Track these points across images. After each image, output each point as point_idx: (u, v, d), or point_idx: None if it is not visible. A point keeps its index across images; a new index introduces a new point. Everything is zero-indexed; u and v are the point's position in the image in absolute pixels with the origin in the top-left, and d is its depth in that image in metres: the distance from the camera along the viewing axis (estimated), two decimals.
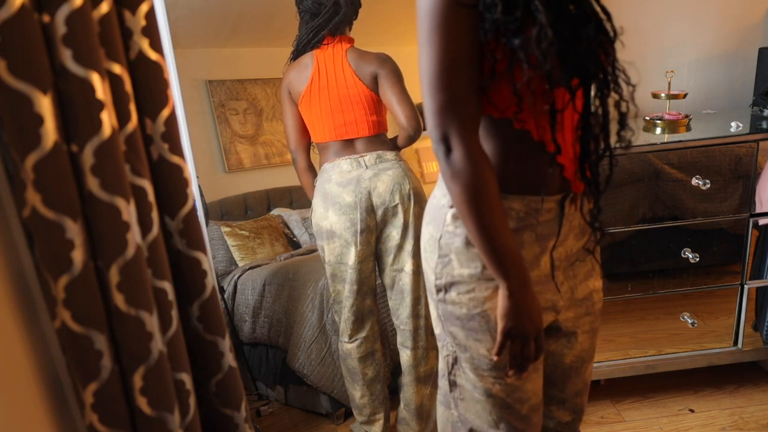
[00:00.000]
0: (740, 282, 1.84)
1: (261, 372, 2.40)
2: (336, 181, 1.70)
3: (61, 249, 0.75)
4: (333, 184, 1.71)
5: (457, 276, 0.91)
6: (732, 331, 1.90)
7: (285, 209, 3.20)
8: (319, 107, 1.68)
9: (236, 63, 3.26)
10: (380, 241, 1.80)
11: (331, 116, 1.68)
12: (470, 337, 0.93)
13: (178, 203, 0.95)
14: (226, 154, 3.21)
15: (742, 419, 1.84)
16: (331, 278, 1.82)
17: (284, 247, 2.90)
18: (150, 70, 0.88)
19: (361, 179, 1.69)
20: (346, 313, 1.81)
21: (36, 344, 0.86)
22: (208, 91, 3.17)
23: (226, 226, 2.83)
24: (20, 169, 0.72)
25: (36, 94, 0.70)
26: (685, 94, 1.91)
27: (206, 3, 2.84)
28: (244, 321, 2.41)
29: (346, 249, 1.74)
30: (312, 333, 2.10)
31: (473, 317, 0.91)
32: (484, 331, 0.91)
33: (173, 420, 0.89)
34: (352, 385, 1.90)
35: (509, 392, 0.94)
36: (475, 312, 0.91)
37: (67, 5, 0.72)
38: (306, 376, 2.11)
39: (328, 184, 1.71)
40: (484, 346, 0.92)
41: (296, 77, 1.70)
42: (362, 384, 1.87)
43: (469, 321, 0.92)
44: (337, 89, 1.67)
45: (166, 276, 0.92)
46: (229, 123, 3.23)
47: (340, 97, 1.67)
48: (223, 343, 1.04)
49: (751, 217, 1.77)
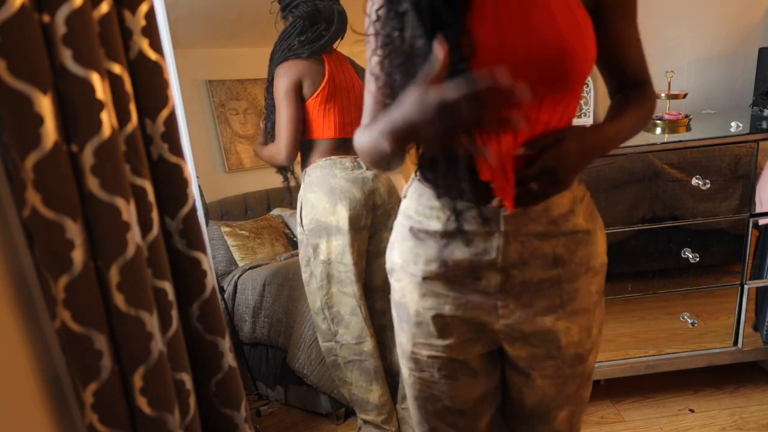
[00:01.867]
0: (740, 282, 1.84)
1: (261, 372, 2.40)
2: (343, 177, 1.73)
3: (61, 249, 0.75)
4: (340, 179, 1.72)
5: (395, 263, 0.93)
6: (732, 331, 1.90)
7: (285, 209, 3.20)
8: (333, 105, 1.77)
9: (236, 63, 3.26)
10: (371, 242, 1.82)
11: (341, 115, 1.77)
12: (397, 324, 0.96)
13: (178, 203, 0.95)
14: (226, 154, 3.20)
15: (742, 419, 1.84)
16: (325, 279, 1.78)
17: (284, 247, 2.90)
18: (150, 70, 0.88)
19: (366, 178, 1.75)
20: (359, 315, 1.80)
21: (36, 344, 0.86)
22: (208, 91, 3.17)
23: (226, 226, 2.83)
24: (20, 169, 0.72)
25: (36, 94, 0.70)
26: (685, 94, 1.91)
27: (206, 3, 2.84)
28: (244, 321, 2.41)
29: (347, 247, 1.74)
30: (312, 333, 2.10)
31: (399, 305, 0.94)
32: (405, 321, 0.93)
33: (173, 420, 0.89)
34: (368, 388, 1.85)
35: (422, 387, 0.95)
36: (401, 301, 0.93)
37: (67, 5, 0.72)
38: (306, 376, 2.11)
39: (334, 179, 1.72)
40: (404, 335, 0.94)
41: (309, 75, 1.75)
42: (382, 381, 1.85)
43: (396, 308, 0.96)
44: (347, 91, 1.78)
45: (166, 276, 0.92)
46: (229, 123, 3.23)
47: (349, 99, 1.79)
48: (223, 343, 1.04)
49: (751, 217, 1.77)
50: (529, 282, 0.85)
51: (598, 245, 0.89)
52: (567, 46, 0.74)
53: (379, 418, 1.89)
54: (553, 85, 0.76)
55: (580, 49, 0.75)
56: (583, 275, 0.86)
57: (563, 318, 0.87)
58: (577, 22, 0.75)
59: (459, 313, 0.87)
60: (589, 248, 0.87)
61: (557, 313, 0.86)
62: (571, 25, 0.75)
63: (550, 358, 0.89)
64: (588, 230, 0.86)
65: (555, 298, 0.86)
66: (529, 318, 0.86)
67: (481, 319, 0.87)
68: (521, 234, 0.83)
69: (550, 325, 0.86)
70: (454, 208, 0.83)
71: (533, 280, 0.84)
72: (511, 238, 0.82)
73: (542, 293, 0.85)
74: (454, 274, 0.86)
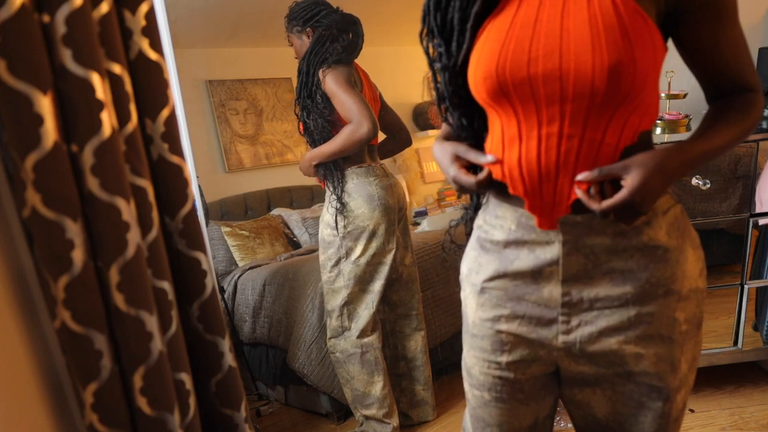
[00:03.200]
0: (740, 282, 1.84)
1: (261, 372, 2.40)
2: (377, 185, 1.84)
3: (61, 249, 0.75)
4: (375, 187, 1.83)
5: (462, 273, 0.92)
6: (732, 331, 1.90)
7: (285, 209, 3.20)
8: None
9: (236, 63, 3.26)
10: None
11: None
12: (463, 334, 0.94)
13: (178, 203, 0.95)
14: (226, 154, 3.21)
15: (742, 419, 1.84)
16: (352, 279, 1.85)
17: (284, 247, 2.90)
18: (150, 70, 0.88)
19: (393, 185, 1.89)
20: (371, 309, 1.89)
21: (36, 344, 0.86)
22: (208, 91, 3.17)
23: (226, 226, 2.83)
24: (20, 169, 0.72)
25: (36, 94, 0.70)
26: (685, 94, 1.90)
27: (206, 3, 2.84)
28: (244, 321, 2.41)
29: (383, 249, 1.86)
30: (312, 333, 2.10)
31: (463, 315, 0.93)
32: (465, 332, 0.91)
33: (173, 420, 0.89)
34: (370, 381, 1.92)
35: (474, 405, 0.92)
36: (464, 311, 0.92)
37: (67, 5, 0.72)
38: (306, 376, 2.11)
39: (370, 186, 1.83)
40: (465, 346, 0.91)
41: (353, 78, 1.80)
42: (384, 374, 1.92)
43: (463, 319, 0.94)
44: (373, 102, 1.91)
45: (166, 276, 0.92)
46: (229, 123, 3.23)
47: (375, 109, 1.91)
48: (223, 343, 1.04)
49: (751, 217, 1.77)
50: (594, 299, 0.77)
51: (686, 266, 0.78)
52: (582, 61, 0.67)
53: (380, 412, 1.92)
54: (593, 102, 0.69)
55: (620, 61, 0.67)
56: (661, 298, 0.76)
57: (633, 342, 0.77)
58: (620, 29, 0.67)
59: (515, 326, 0.82)
60: (672, 268, 0.76)
61: (625, 335, 0.77)
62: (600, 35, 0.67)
63: (619, 377, 0.80)
64: (669, 247, 0.76)
65: (624, 319, 0.77)
66: (593, 338, 0.78)
67: (540, 334, 0.81)
68: (584, 246, 0.76)
69: (617, 347, 0.77)
70: (516, 216, 0.80)
71: (599, 297, 0.77)
72: (572, 248, 0.76)
73: (609, 312, 0.77)
74: (514, 284, 0.81)
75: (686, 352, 0.79)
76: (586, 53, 0.67)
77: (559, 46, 0.68)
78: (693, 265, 0.79)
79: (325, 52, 1.76)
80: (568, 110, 0.70)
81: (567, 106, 0.70)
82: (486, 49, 0.74)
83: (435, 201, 3.95)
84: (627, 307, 0.76)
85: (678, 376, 0.79)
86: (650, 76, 0.71)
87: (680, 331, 0.78)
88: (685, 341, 0.79)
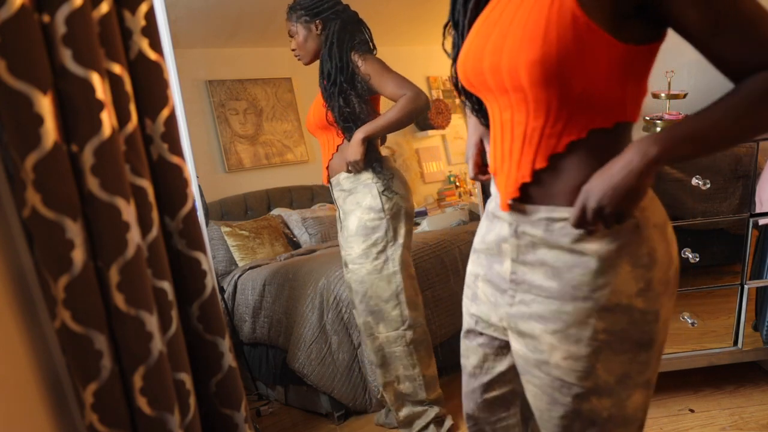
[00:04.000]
0: (740, 282, 1.84)
1: (261, 372, 2.40)
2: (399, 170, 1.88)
3: (61, 249, 0.75)
4: (399, 171, 1.87)
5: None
6: (732, 331, 1.90)
7: (285, 209, 3.20)
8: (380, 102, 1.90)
9: (236, 63, 3.26)
10: None
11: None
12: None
13: (178, 203, 0.95)
14: (226, 154, 3.20)
15: (741, 419, 1.84)
16: (400, 264, 1.79)
17: (284, 247, 2.90)
18: (150, 70, 0.88)
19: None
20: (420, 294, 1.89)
21: (36, 344, 0.86)
22: (208, 91, 3.17)
23: (226, 226, 2.83)
24: (20, 169, 0.72)
25: (36, 94, 0.70)
26: (685, 94, 1.90)
27: (206, 3, 2.84)
28: (244, 321, 2.41)
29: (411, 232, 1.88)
30: (312, 333, 2.10)
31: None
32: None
33: (173, 420, 0.89)
34: (427, 362, 1.88)
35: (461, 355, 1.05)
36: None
37: (67, 5, 0.72)
38: (306, 376, 2.12)
39: (397, 171, 1.86)
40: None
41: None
42: (432, 355, 1.91)
43: None
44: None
45: (166, 276, 0.92)
46: (229, 123, 3.23)
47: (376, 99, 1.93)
48: (223, 343, 1.04)
49: (751, 217, 1.77)
50: (531, 284, 0.82)
51: (615, 280, 0.75)
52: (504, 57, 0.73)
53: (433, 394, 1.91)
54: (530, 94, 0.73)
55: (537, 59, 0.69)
56: (580, 300, 0.76)
57: (550, 333, 0.80)
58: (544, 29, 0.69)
59: (486, 287, 0.92)
60: (595, 278, 0.75)
61: (545, 325, 0.80)
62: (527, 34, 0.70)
63: (537, 368, 0.83)
64: (597, 257, 0.75)
65: (548, 310, 0.80)
66: (524, 317, 0.83)
67: (497, 299, 0.90)
68: (524, 233, 0.82)
69: (539, 333, 0.81)
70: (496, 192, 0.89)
71: (534, 284, 0.81)
72: (514, 232, 0.84)
73: (540, 300, 0.81)
74: (488, 252, 0.92)
75: (606, 361, 0.78)
76: (515, 50, 0.72)
77: (503, 44, 0.74)
78: (626, 283, 0.76)
79: (352, 39, 1.76)
80: (513, 101, 0.77)
81: (512, 97, 0.77)
82: (465, 44, 0.84)
83: (435, 201, 3.95)
84: (551, 300, 0.80)
85: (592, 379, 0.79)
86: (589, 75, 0.70)
87: (595, 338, 0.77)
88: (603, 350, 0.78)
